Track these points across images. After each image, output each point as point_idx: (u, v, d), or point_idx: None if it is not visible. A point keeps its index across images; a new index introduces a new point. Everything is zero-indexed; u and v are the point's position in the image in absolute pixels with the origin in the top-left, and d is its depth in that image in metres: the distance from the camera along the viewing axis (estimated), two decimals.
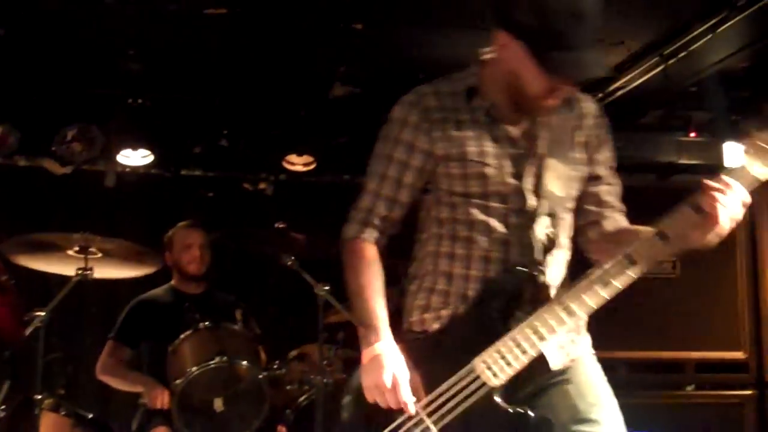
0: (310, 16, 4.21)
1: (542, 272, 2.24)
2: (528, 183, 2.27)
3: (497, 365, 2.13)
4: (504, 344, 2.13)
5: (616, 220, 2.35)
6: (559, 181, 2.28)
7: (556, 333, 2.14)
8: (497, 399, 2.14)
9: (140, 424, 3.95)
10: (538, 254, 2.24)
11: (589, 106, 2.37)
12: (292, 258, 3.94)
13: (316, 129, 5.41)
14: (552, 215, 2.27)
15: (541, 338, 2.13)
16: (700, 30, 4.17)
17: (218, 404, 3.56)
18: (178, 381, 3.63)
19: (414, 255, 2.42)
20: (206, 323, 3.77)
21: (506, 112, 2.28)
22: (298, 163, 5.45)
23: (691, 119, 5.02)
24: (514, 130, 2.29)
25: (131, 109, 5.08)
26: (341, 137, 5.47)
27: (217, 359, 3.63)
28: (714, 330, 4.40)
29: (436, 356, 2.21)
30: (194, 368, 3.64)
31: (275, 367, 3.84)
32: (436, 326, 2.27)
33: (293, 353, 3.95)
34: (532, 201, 2.26)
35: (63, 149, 5.05)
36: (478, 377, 2.13)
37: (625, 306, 4.31)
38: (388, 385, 2.12)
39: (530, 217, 2.25)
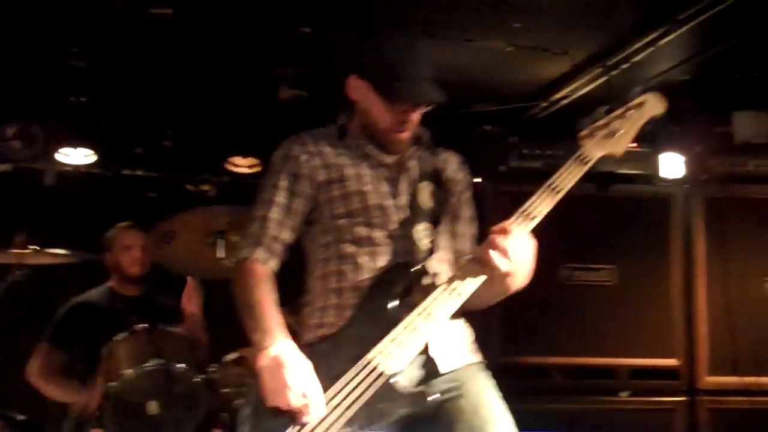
0: (258, 17, 4.21)
1: (428, 268, 2.39)
2: (403, 201, 2.46)
3: (394, 352, 2.21)
4: (398, 331, 2.23)
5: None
6: (430, 198, 2.49)
7: (446, 313, 2.26)
8: (396, 383, 2.19)
9: (70, 430, 3.92)
10: (422, 255, 2.40)
11: (451, 156, 2.63)
12: (232, 260, 3.91)
13: (262, 131, 5.40)
14: (430, 224, 2.45)
15: (434, 318, 2.24)
16: (642, 43, 4.25)
17: (153, 407, 3.52)
18: (111, 383, 3.58)
19: (305, 288, 2.53)
20: (143, 325, 3.74)
21: (375, 148, 2.50)
22: (242, 164, 5.43)
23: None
24: (385, 156, 2.51)
25: (73, 108, 5.02)
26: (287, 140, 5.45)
27: (152, 362, 3.61)
28: (648, 337, 4.44)
29: (334, 355, 2.25)
30: (129, 370, 3.59)
31: (212, 370, 3.81)
32: (331, 332, 2.35)
33: (231, 356, 3.93)
34: (409, 213, 2.45)
35: (2, 147, 4.98)
36: (375, 367, 2.19)
37: (561, 312, 4.41)
38: (290, 383, 2.12)
39: (410, 226, 2.43)
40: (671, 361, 4.44)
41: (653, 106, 2.52)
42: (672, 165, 4.53)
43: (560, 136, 4.71)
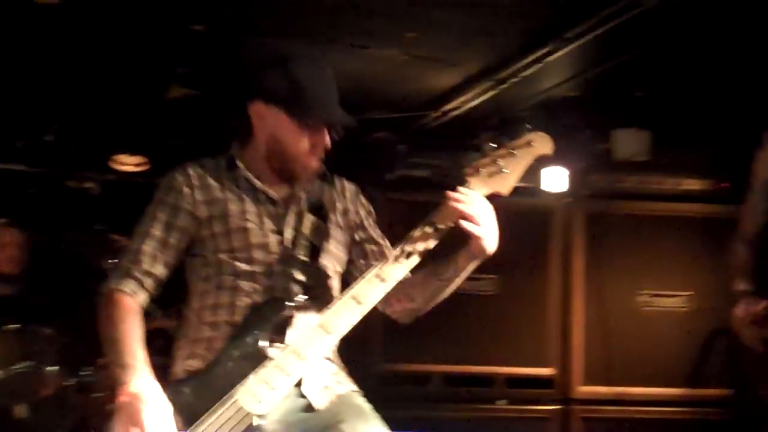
0: (149, 13, 4.12)
1: (304, 305, 2.33)
2: (288, 235, 2.41)
3: (260, 391, 2.15)
4: (266, 370, 2.17)
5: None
6: (317, 232, 2.44)
7: (317, 353, 2.22)
8: (261, 426, 2.15)
9: None
10: (300, 292, 2.35)
11: (346, 184, 2.59)
12: (110, 261, 3.85)
13: (151, 129, 5.30)
14: (312, 260, 2.40)
15: (303, 359, 2.19)
16: (530, 59, 4.33)
17: (20, 411, 3.42)
18: None
19: (181, 320, 2.49)
20: (13, 326, 3.63)
21: (267, 180, 2.44)
22: (129, 163, 5.32)
23: None
24: (273, 193, 2.45)
25: None
26: (176, 139, 5.38)
27: (21, 364, 3.50)
28: (526, 347, 4.56)
29: (199, 392, 2.19)
30: None
31: (85, 373, 3.72)
32: (198, 368, 2.29)
33: (105, 360, 3.84)
34: (292, 249, 2.39)
35: None
36: (240, 408, 2.14)
37: (440, 320, 4.45)
38: (146, 424, 2.05)
39: (292, 263, 2.38)
40: (547, 371, 4.56)
41: (541, 145, 2.43)
42: (555, 179, 4.65)
43: (450, 147, 4.79)
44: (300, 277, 2.37)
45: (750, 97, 4.74)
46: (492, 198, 2.33)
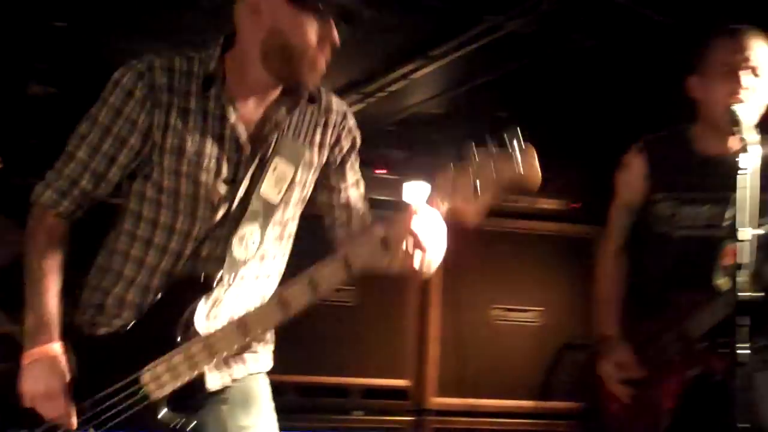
0: (8, 7, 3.98)
1: (228, 287, 2.17)
2: (241, 190, 2.16)
3: (164, 377, 2.07)
4: (174, 357, 2.07)
5: (364, 218, 2.35)
6: (279, 186, 2.18)
7: (230, 351, 2.11)
8: (160, 411, 2.09)
9: None
10: (231, 268, 2.16)
11: (336, 103, 2.33)
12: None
13: (9, 127, 5.09)
14: (262, 225, 2.18)
15: (213, 354, 2.08)
16: (397, 74, 4.40)
17: None
18: None
19: (104, 243, 2.25)
20: None
21: (245, 104, 2.15)
22: None
23: (387, 156, 5.27)
24: (242, 132, 2.15)
25: None
26: (33, 138, 5.18)
27: None
28: (382, 358, 4.59)
29: (103, 362, 2.10)
30: None
31: None
32: (106, 331, 2.15)
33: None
34: (239, 210, 2.16)
35: None
36: (141, 388, 2.06)
37: (295, 331, 4.42)
38: (52, 391, 2.00)
39: (234, 228, 2.15)
40: (402, 382, 4.61)
41: (528, 174, 2.05)
42: (416, 193, 4.73)
43: None
44: (238, 246, 2.15)
45: (604, 121, 4.96)
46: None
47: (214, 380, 2.18)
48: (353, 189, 2.37)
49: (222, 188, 2.14)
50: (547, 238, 4.94)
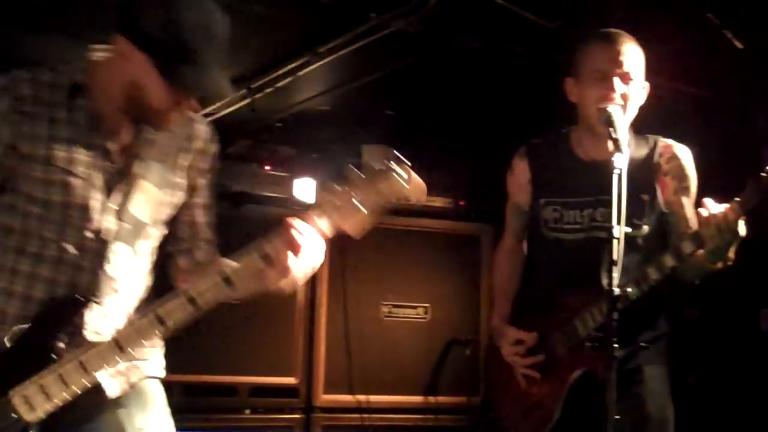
0: None
1: (100, 303, 2.14)
2: (114, 202, 2.13)
3: (36, 399, 2.00)
4: (47, 377, 2.01)
5: (209, 251, 2.35)
6: (148, 205, 2.18)
7: (104, 369, 2.06)
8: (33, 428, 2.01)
9: None
10: (106, 284, 2.14)
11: (201, 128, 2.30)
12: None
13: None
14: (132, 241, 2.17)
15: (87, 374, 2.03)
16: (284, 70, 4.36)
17: None
18: None
19: None
20: None
21: (110, 120, 2.13)
22: None
23: (275, 152, 5.23)
24: (112, 144, 2.13)
25: None
26: None
27: None
28: (270, 356, 4.58)
29: None
30: None
31: None
32: None
33: None
34: (111, 224, 2.13)
35: None
36: (12, 409, 1.99)
37: (182, 330, 4.35)
38: None
39: (106, 242, 2.13)
40: (291, 380, 4.60)
41: (412, 189, 2.13)
42: (304, 190, 4.71)
43: None
44: (112, 260, 2.12)
45: (491, 120, 5.05)
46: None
47: (112, 387, 2.16)
48: (200, 210, 2.37)
49: (94, 196, 2.12)
50: (435, 236, 5.01)
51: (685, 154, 2.96)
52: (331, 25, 3.90)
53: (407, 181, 2.13)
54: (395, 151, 2.17)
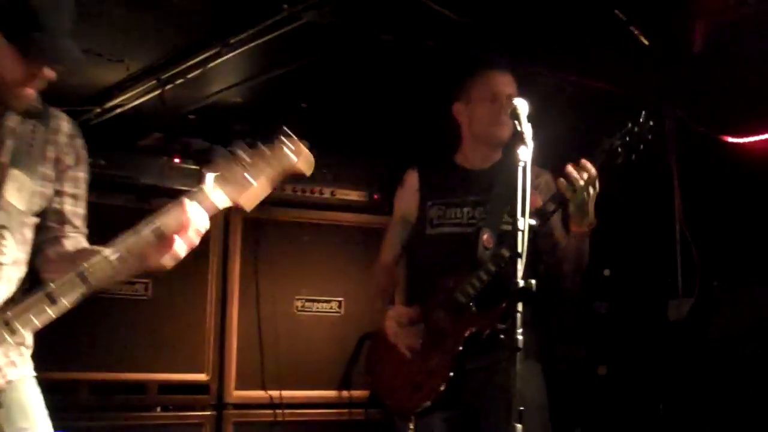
0: None
1: None
2: None
3: None
4: None
5: (78, 240, 2.31)
6: (21, 193, 2.15)
7: None
8: None
9: None
10: None
11: (64, 123, 2.31)
12: None
13: None
14: (7, 229, 2.14)
15: None
16: (195, 60, 4.29)
17: None
18: None
19: None
20: None
21: None
22: None
23: (188, 145, 5.13)
24: None
25: None
26: None
27: None
28: (181, 352, 4.50)
29: None
30: None
31: None
32: None
33: None
34: None
35: None
36: None
37: (88, 326, 4.27)
38: None
39: None
40: (201, 376, 4.53)
41: (301, 161, 2.23)
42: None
43: (111, 146, 4.62)
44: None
45: (404, 114, 5.06)
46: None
47: None
48: (69, 199, 2.35)
49: None
50: (349, 230, 5.00)
51: (547, 173, 3.41)
52: (242, 15, 3.85)
53: (296, 153, 2.23)
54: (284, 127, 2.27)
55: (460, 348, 3.11)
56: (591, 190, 2.97)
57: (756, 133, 4.49)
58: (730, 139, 4.48)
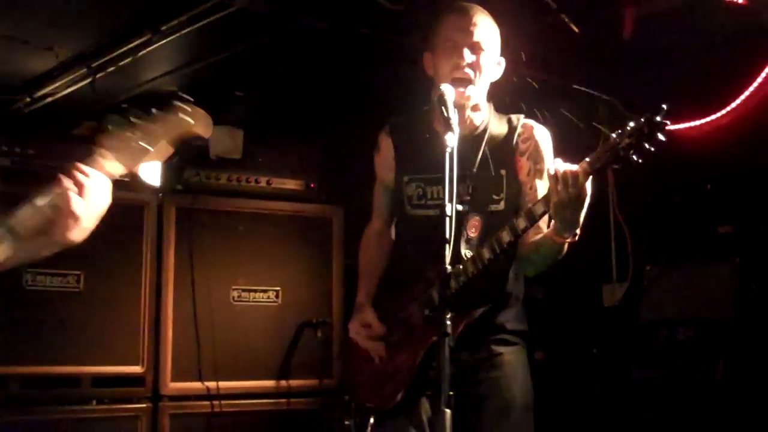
0: None
1: None
2: None
3: None
4: None
5: None
6: None
7: None
8: None
9: None
10: None
11: None
12: None
13: None
14: None
15: None
16: (126, 48, 4.22)
17: None
18: None
19: None
20: None
21: None
22: None
23: None
24: None
25: None
26: None
27: None
28: (115, 345, 4.41)
29: None
30: None
31: None
32: None
33: None
34: None
35: None
36: None
37: (19, 320, 4.19)
38: None
39: None
40: (135, 369, 4.44)
41: (198, 123, 2.16)
42: (149, 173, 4.58)
43: (42, 134, 4.54)
44: None
45: (340, 102, 5.05)
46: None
47: None
48: None
49: None
50: (286, 218, 4.96)
51: (543, 135, 3.00)
52: (173, 2, 3.80)
53: (191, 116, 2.16)
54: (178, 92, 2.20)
55: (423, 353, 2.87)
56: (575, 201, 2.55)
57: (685, 120, 4.58)
58: None
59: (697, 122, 4.56)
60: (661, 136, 2.48)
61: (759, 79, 4.33)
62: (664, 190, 4.40)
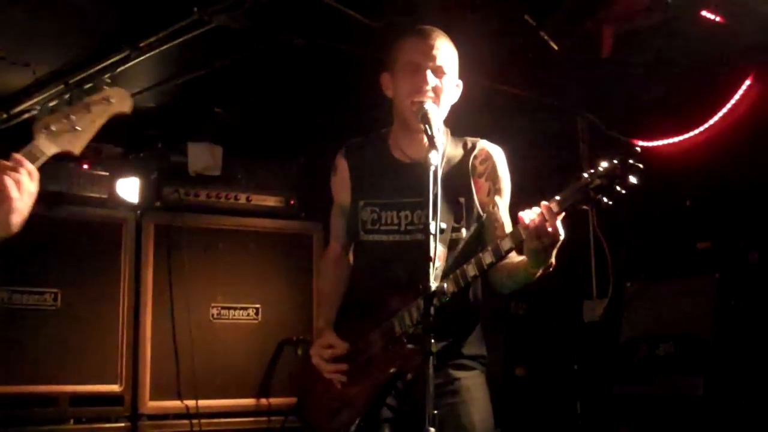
0: None
1: None
2: None
3: None
4: None
5: None
6: None
7: None
8: None
9: None
10: None
11: None
12: None
13: None
14: None
15: None
16: (104, 64, 4.20)
17: None
18: None
19: None
20: None
21: None
22: None
23: (99, 151, 5.02)
24: None
25: None
26: None
27: None
28: (93, 363, 4.37)
29: None
30: None
31: None
32: None
33: None
34: None
35: None
36: None
37: None
38: None
39: None
40: (114, 387, 4.40)
41: (119, 103, 2.42)
42: (127, 190, 4.56)
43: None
44: None
45: (319, 119, 5.04)
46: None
47: None
48: None
49: None
50: (265, 235, 4.94)
51: (498, 155, 2.99)
52: (152, 18, 3.79)
53: (113, 97, 2.41)
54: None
55: (381, 385, 2.82)
56: (546, 242, 2.53)
57: (664, 137, 4.61)
58: (640, 143, 4.58)
59: (676, 139, 4.59)
60: (633, 179, 2.45)
61: (736, 96, 4.37)
62: (644, 206, 4.41)
